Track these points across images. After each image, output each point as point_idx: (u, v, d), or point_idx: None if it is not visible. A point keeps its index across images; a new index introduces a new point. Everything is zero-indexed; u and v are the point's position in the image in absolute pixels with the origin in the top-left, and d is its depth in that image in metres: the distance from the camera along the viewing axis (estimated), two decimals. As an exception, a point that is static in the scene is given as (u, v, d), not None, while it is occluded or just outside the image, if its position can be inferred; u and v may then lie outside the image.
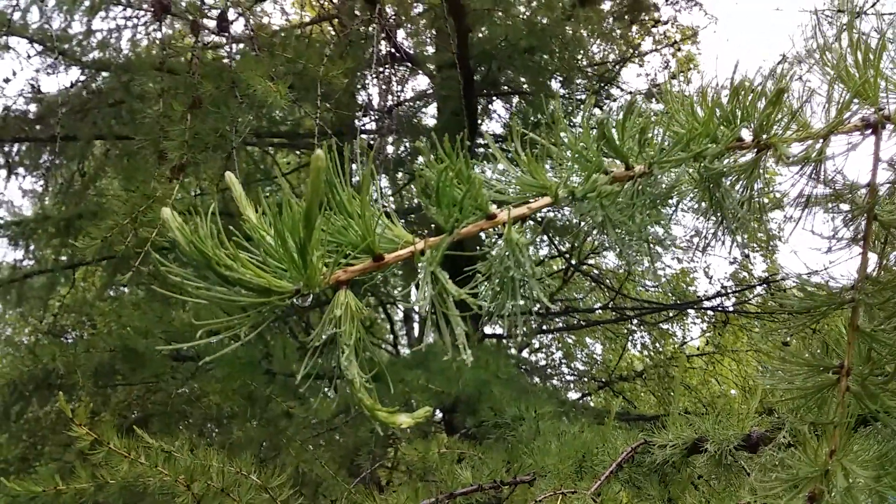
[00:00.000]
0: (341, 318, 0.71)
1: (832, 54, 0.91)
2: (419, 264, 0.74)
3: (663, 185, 0.83)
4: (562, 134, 0.83)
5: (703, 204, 0.91)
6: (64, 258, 6.24)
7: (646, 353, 9.67)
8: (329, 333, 0.71)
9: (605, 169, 0.83)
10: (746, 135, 0.92)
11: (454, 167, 0.73)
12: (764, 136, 0.89)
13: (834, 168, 0.94)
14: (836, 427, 0.96)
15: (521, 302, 0.78)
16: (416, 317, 8.93)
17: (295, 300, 0.70)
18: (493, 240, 0.80)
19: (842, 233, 0.98)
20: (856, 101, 0.91)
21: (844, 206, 0.96)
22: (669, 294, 9.59)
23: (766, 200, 0.96)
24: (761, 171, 0.91)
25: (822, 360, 1.00)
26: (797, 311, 1.01)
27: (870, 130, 0.94)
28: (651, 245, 0.84)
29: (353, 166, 0.80)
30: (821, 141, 0.90)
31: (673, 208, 0.87)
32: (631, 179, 0.84)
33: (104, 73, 5.85)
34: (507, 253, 0.77)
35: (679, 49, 9.03)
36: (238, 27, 4.51)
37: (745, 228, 0.92)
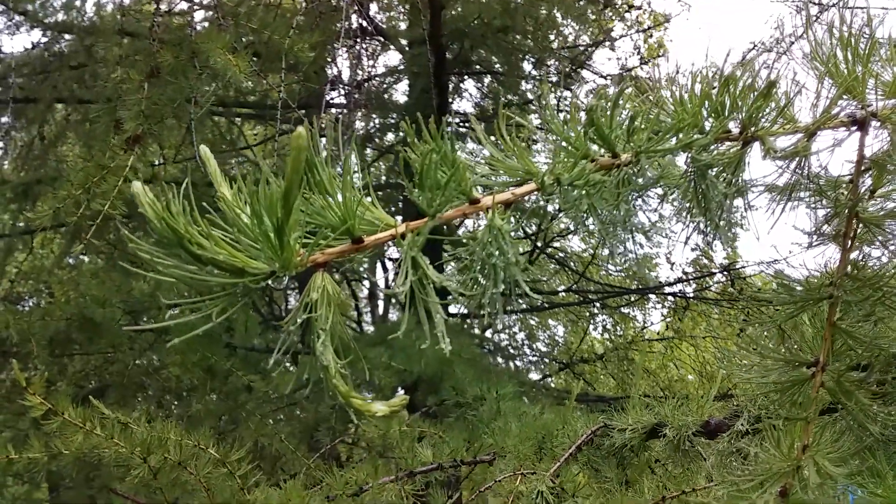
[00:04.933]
0: (317, 302, 0.68)
1: (822, 49, 0.90)
2: (400, 249, 0.71)
3: (648, 175, 0.82)
4: (548, 119, 0.81)
5: (688, 195, 0.90)
6: (21, 224, 6.09)
7: (606, 336, 9.77)
8: (304, 318, 0.68)
9: (592, 156, 0.81)
10: (733, 126, 0.90)
11: (439, 150, 0.71)
12: (752, 129, 0.88)
13: (818, 163, 0.93)
14: (809, 422, 0.96)
15: (502, 289, 0.75)
16: (381, 294, 8.91)
17: (270, 282, 0.68)
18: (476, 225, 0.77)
19: (823, 228, 0.97)
20: (844, 97, 0.90)
21: (827, 202, 0.95)
22: (631, 280, 9.67)
23: (748, 196, 0.95)
24: (746, 163, 0.90)
25: (796, 355, 0.99)
26: (775, 304, 1.00)
27: (855, 126, 0.93)
28: (634, 234, 0.83)
29: (324, 140, 0.77)
30: (807, 136, 0.89)
31: (658, 200, 0.86)
32: (616, 168, 0.82)
33: (67, 36, 5.69)
34: (489, 239, 0.75)
35: (651, 35, 9.05)
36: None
37: (728, 220, 0.91)
